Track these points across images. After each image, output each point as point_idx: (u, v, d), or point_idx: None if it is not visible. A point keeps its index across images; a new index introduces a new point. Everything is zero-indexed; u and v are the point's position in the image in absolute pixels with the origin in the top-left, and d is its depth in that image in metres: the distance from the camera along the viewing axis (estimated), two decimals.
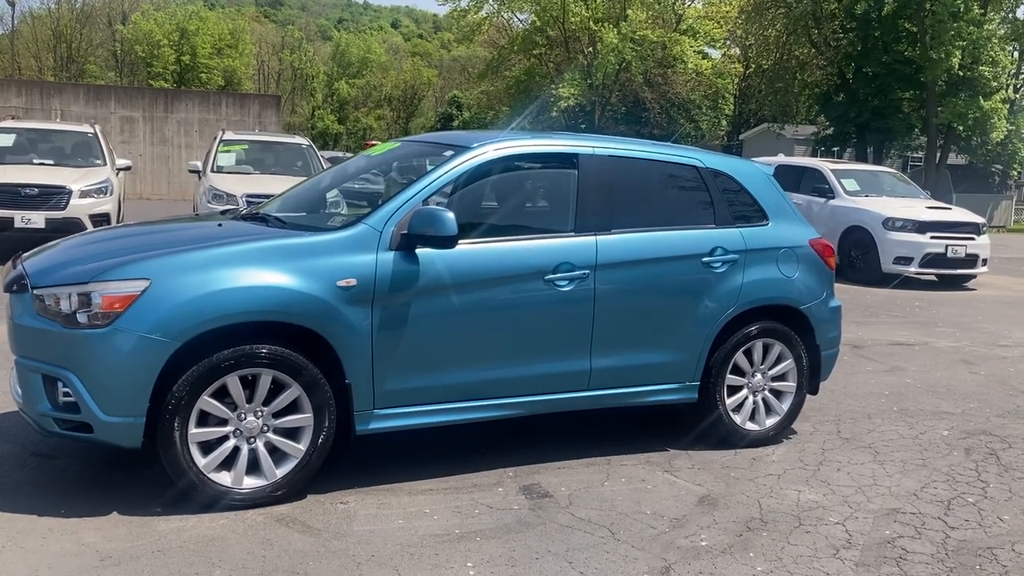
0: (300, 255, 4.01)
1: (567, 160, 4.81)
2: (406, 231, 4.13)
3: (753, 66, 42.24)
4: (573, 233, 4.65)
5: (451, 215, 4.09)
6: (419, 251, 4.17)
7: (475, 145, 4.60)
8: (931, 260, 13.15)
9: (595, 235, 4.67)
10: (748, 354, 5.17)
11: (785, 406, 5.30)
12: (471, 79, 57.72)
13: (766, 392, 5.26)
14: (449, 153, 4.59)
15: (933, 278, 13.84)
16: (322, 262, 4.01)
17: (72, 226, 10.50)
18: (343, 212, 5.47)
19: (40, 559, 3.39)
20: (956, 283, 13.87)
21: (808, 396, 5.51)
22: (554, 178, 4.98)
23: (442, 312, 4.25)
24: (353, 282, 4.02)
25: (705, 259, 4.97)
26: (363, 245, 4.11)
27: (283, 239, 4.14)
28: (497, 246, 4.46)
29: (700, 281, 4.96)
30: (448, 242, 4.14)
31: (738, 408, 5.18)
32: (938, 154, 30.87)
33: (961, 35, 26.88)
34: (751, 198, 5.28)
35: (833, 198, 14.16)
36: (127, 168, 13.08)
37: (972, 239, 13.47)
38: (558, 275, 4.51)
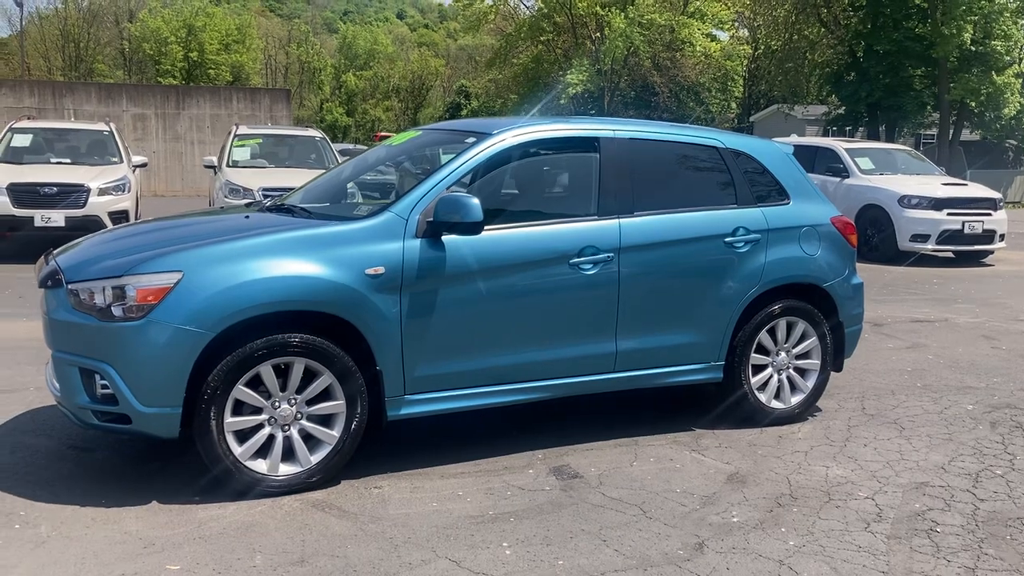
0: (328, 244, 4.06)
1: (588, 144, 4.84)
2: (432, 218, 4.17)
3: (762, 47, 42.04)
4: (596, 217, 4.68)
5: (476, 201, 4.12)
6: (445, 238, 4.21)
7: (496, 131, 4.63)
8: (948, 237, 13.10)
9: (618, 218, 4.69)
10: (772, 333, 5.19)
11: (810, 384, 5.33)
12: (479, 68, 57.67)
13: (790, 370, 5.29)
14: (471, 140, 4.62)
15: (950, 255, 13.79)
16: (350, 251, 4.06)
17: (91, 224, 10.62)
18: (359, 202, 5.51)
19: (86, 547, 3.46)
20: (974, 259, 13.83)
21: (832, 374, 5.53)
22: (576, 162, 5.00)
23: (469, 298, 4.29)
24: (381, 270, 4.07)
25: (727, 239, 4.99)
26: (390, 233, 4.15)
27: (311, 229, 4.19)
28: (521, 231, 4.49)
29: (723, 261, 4.98)
30: (474, 228, 4.18)
31: (763, 387, 5.21)
32: (951, 131, 30.68)
33: (972, 10, 26.69)
34: (772, 177, 5.29)
35: (848, 177, 14.12)
36: (143, 165, 13.18)
37: (989, 215, 13.41)
38: (583, 259, 4.54)
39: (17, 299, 8.63)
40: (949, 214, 13.07)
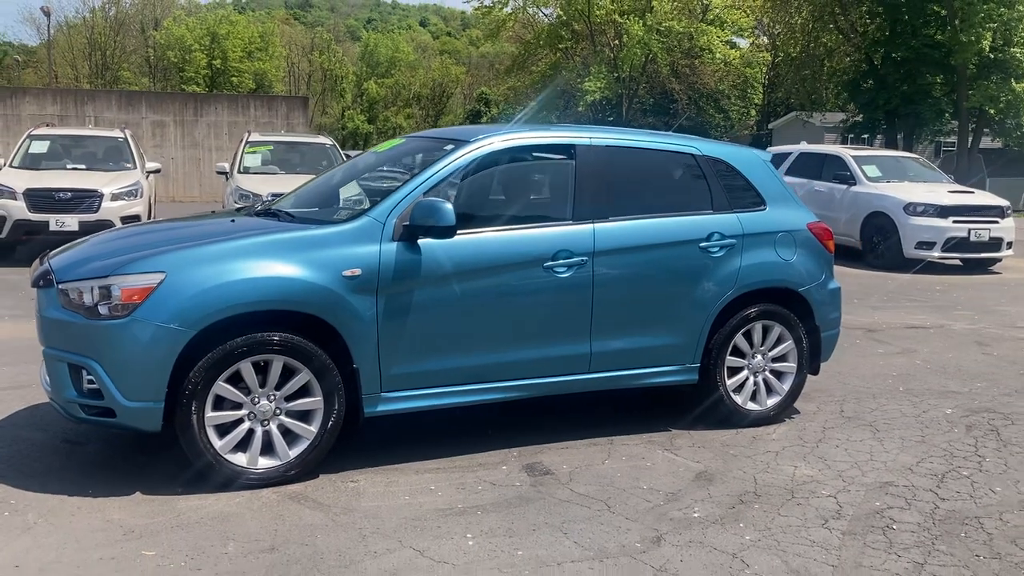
0: (307, 247, 4.23)
1: (564, 151, 4.99)
2: (407, 222, 4.33)
3: (781, 55, 41.95)
4: (571, 221, 4.82)
5: (449, 206, 4.28)
6: (421, 241, 4.37)
7: (474, 139, 4.79)
8: (954, 244, 13.09)
9: (593, 223, 4.83)
10: (748, 336, 5.30)
11: (786, 386, 5.43)
12: (499, 75, 57.87)
13: (767, 373, 5.40)
14: (450, 147, 4.78)
15: (957, 262, 13.78)
16: (328, 253, 4.22)
17: (104, 228, 10.85)
18: (365, 207, 5.66)
19: (68, 534, 3.64)
20: (981, 267, 13.80)
21: (814, 377, 5.63)
22: (552, 168, 5.15)
23: (444, 299, 4.44)
24: (358, 272, 4.23)
25: (702, 244, 5.11)
26: (367, 236, 4.32)
27: (291, 232, 4.37)
28: (496, 235, 4.64)
29: (698, 266, 5.10)
30: (447, 232, 4.34)
31: (739, 389, 5.32)
32: (970, 138, 30.48)
33: (992, 17, 26.52)
34: (748, 184, 5.41)
35: (855, 184, 14.15)
36: (157, 171, 13.44)
37: (996, 222, 13.38)
38: (557, 262, 4.68)
39: (29, 301, 8.87)
40: (955, 221, 13.06)
